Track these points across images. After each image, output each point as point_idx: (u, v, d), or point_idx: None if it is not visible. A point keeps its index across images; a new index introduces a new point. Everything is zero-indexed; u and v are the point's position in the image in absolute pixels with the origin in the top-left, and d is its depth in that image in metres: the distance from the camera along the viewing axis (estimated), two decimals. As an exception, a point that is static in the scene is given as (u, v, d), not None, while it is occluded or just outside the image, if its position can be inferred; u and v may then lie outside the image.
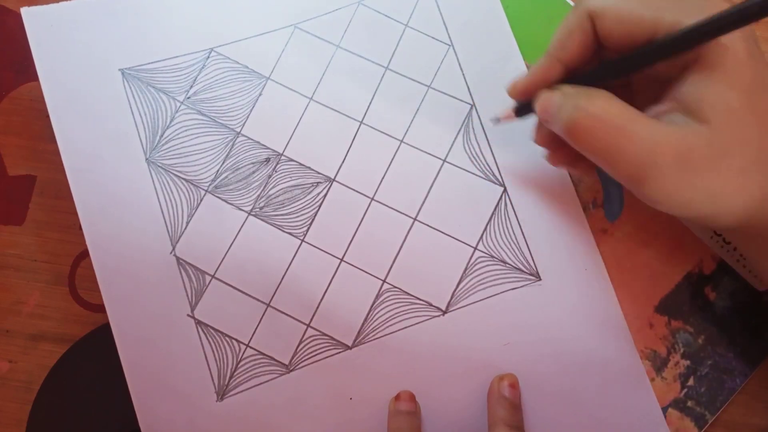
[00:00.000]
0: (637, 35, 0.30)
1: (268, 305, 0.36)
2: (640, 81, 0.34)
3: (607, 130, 0.29)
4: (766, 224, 0.30)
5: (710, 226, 0.32)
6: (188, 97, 0.39)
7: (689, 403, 0.37)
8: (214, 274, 0.36)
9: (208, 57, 0.39)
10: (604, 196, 0.38)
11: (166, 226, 0.37)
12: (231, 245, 0.37)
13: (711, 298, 0.38)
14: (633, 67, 0.30)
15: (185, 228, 0.37)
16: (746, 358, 0.37)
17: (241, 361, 0.36)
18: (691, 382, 0.37)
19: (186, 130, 0.38)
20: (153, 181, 0.37)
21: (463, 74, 0.40)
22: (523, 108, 0.34)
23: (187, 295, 0.36)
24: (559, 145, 0.34)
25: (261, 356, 0.36)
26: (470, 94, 0.39)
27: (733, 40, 0.28)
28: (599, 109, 0.29)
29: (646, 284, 0.38)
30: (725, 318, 0.38)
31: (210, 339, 0.36)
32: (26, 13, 0.39)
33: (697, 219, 0.31)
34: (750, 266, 0.36)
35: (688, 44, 0.28)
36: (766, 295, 0.35)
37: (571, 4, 0.41)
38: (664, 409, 0.36)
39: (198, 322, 0.36)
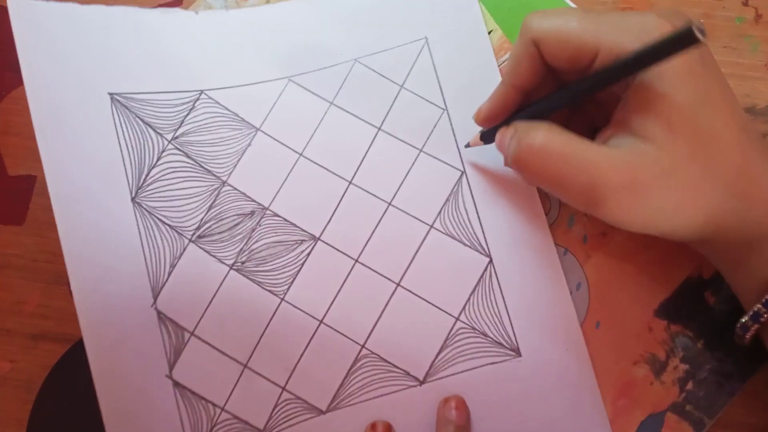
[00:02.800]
0: (581, 57, 0.31)
1: (245, 366, 0.36)
2: (591, 104, 0.35)
3: (551, 161, 0.31)
4: (723, 236, 0.31)
5: (673, 240, 0.33)
6: (176, 137, 0.38)
7: (687, 408, 0.37)
8: (194, 331, 0.36)
9: (198, 99, 0.39)
10: None
11: (149, 276, 0.36)
12: (211, 300, 0.36)
13: (710, 303, 0.38)
14: (583, 93, 0.31)
15: (167, 279, 0.36)
16: (745, 363, 0.37)
17: (215, 426, 0.35)
18: (689, 386, 0.37)
19: (172, 172, 0.38)
20: (138, 224, 0.37)
21: (456, 140, 0.39)
22: (488, 134, 0.36)
23: (166, 354, 0.36)
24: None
25: (236, 421, 0.35)
26: (461, 160, 0.39)
27: (672, 60, 0.28)
28: (540, 142, 0.31)
29: (646, 288, 0.38)
30: (724, 322, 0.37)
31: (186, 403, 0.35)
32: (13, 4, 0.38)
33: (659, 235, 0.32)
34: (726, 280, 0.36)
35: (632, 69, 0.29)
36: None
37: (573, 6, 0.41)
38: (663, 413, 0.37)
39: (176, 384, 0.35)
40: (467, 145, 0.38)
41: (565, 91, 0.32)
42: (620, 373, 0.37)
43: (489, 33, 0.41)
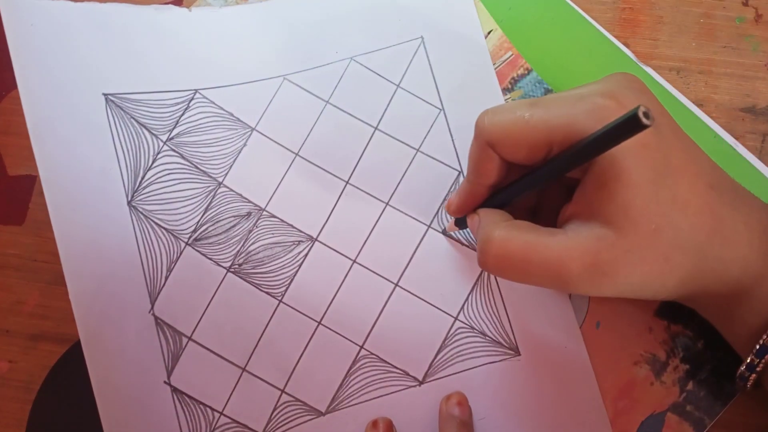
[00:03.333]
0: (536, 152, 0.31)
1: (244, 369, 0.36)
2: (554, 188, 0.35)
3: (512, 262, 0.31)
4: (705, 294, 0.32)
5: (657, 299, 0.33)
6: (171, 138, 0.38)
7: (688, 408, 0.37)
8: (191, 335, 0.36)
9: (193, 98, 0.38)
10: None
11: (146, 282, 0.36)
12: (209, 304, 0.36)
13: None
14: (538, 183, 0.31)
15: (164, 283, 0.36)
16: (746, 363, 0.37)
17: (214, 430, 0.35)
18: (690, 386, 0.37)
19: (168, 174, 0.37)
20: (134, 228, 0.37)
21: (453, 140, 0.39)
22: (461, 221, 0.36)
23: (164, 360, 0.36)
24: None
25: (235, 425, 0.35)
26: (458, 160, 0.39)
27: None
28: (498, 245, 0.31)
29: None
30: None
31: (185, 407, 0.35)
32: (4, 3, 0.37)
33: (640, 298, 0.32)
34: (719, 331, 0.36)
35: (583, 158, 0.29)
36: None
37: (572, 5, 0.41)
38: (663, 414, 0.36)
39: (174, 390, 0.35)
40: (444, 231, 0.38)
41: (523, 182, 0.32)
42: (621, 374, 0.37)
43: (489, 33, 0.41)
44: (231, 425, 0.35)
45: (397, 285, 0.37)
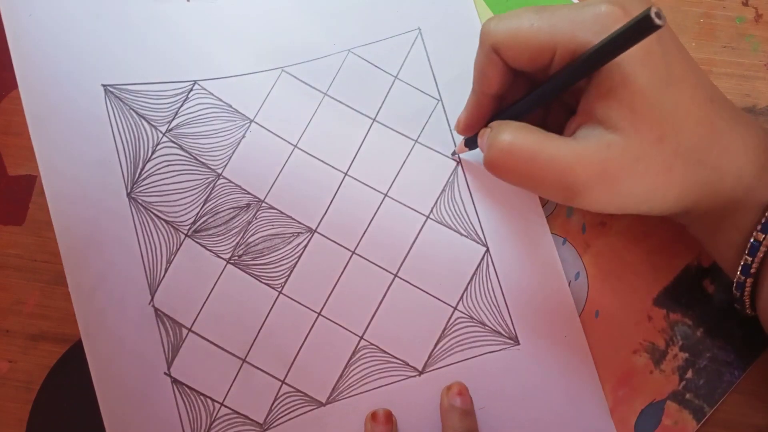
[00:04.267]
0: (540, 57, 0.31)
1: (244, 360, 0.36)
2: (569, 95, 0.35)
3: (520, 161, 0.31)
4: (699, 207, 0.32)
5: (649, 215, 0.33)
6: (170, 129, 0.38)
7: (687, 396, 0.37)
8: (191, 327, 0.36)
9: (192, 90, 0.38)
10: None
11: (146, 273, 0.36)
12: (209, 296, 0.36)
13: (710, 291, 0.38)
14: (549, 95, 0.32)
15: (164, 275, 0.36)
16: (745, 351, 0.37)
17: (214, 421, 0.35)
18: (689, 374, 0.37)
19: (167, 166, 0.37)
20: (134, 220, 0.37)
21: (451, 130, 0.39)
22: (472, 140, 0.36)
23: (164, 351, 0.36)
24: None
25: (235, 415, 0.35)
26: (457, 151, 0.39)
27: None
28: (508, 142, 0.31)
29: (645, 277, 0.38)
30: (724, 311, 0.38)
31: (185, 398, 0.35)
32: None
33: (636, 213, 0.32)
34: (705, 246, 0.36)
35: (594, 65, 0.29)
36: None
37: (573, 1, 0.41)
38: (663, 402, 0.37)
39: (174, 381, 0.35)
40: (454, 153, 0.38)
41: (533, 95, 0.32)
42: (620, 362, 0.37)
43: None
44: (231, 416, 0.35)
45: (396, 276, 0.37)
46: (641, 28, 0.26)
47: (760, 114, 0.40)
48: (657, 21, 0.25)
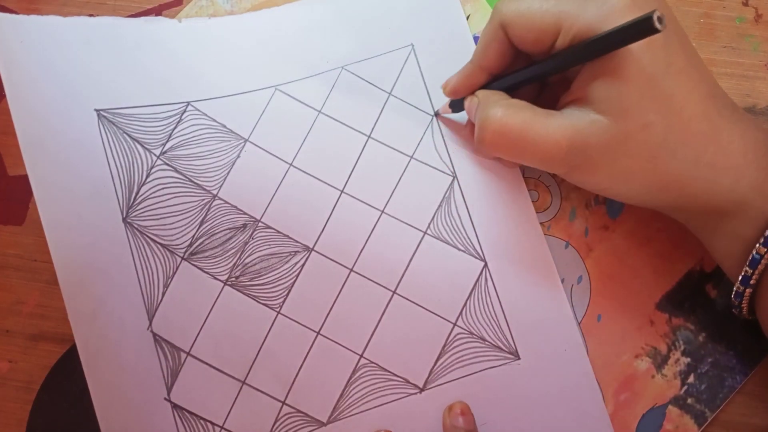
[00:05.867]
0: (544, 37, 0.32)
1: (244, 382, 0.36)
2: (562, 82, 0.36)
3: (511, 138, 0.33)
4: (695, 204, 0.32)
5: (635, 205, 0.34)
6: (164, 152, 0.38)
7: (689, 401, 0.37)
8: (190, 350, 0.36)
9: (185, 111, 0.38)
10: None
11: (143, 298, 0.36)
12: (206, 318, 0.36)
13: (712, 296, 0.38)
14: (545, 72, 0.33)
15: (161, 299, 0.36)
16: (747, 356, 0.37)
17: None
18: (691, 379, 0.37)
19: (162, 189, 0.37)
20: (130, 245, 0.37)
21: (446, 146, 0.39)
22: (457, 103, 0.37)
23: (164, 376, 0.36)
24: None
25: None
26: (452, 166, 0.39)
27: None
28: (498, 122, 0.33)
29: (648, 281, 0.38)
30: (726, 316, 0.38)
31: (185, 423, 0.35)
32: None
33: (616, 199, 0.34)
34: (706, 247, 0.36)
35: (591, 55, 0.30)
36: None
37: None
38: (664, 407, 0.37)
39: (174, 406, 0.35)
40: (437, 113, 0.39)
41: (529, 69, 0.34)
42: (622, 367, 0.37)
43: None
44: None
45: (394, 293, 0.37)
46: (641, 28, 0.26)
47: (760, 114, 0.40)
48: (657, 25, 0.25)
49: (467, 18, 0.41)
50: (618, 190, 0.33)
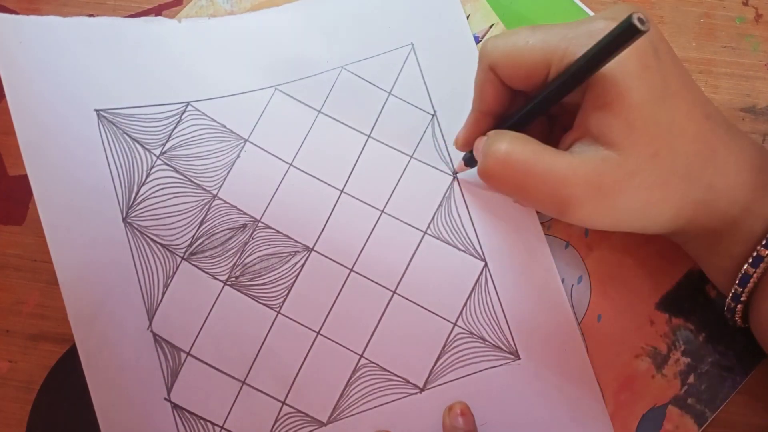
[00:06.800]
0: (534, 75, 0.31)
1: (244, 382, 0.36)
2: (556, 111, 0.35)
3: (515, 171, 0.31)
4: (694, 227, 0.32)
5: (646, 233, 0.33)
6: (164, 152, 0.38)
7: (689, 401, 0.37)
8: (190, 350, 0.36)
9: (185, 111, 0.38)
10: None
11: (143, 298, 0.36)
12: (206, 318, 0.36)
13: (712, 296, 0.38)
14: (542, 105, 0.32)
15: (161, 299, 0.36)
16: (746, 357, 0.37)
17: None
18: (691, 379, 0.37)
19: (162, 189, 0.37)
20: (130, 245, 0.36)
21: (446, 145, 0.39)
22: (471, 159, 0.36)
23: (164, 376, 0.36)
24: None
25: None
26: (452, 165, 0.39)
27: (624, 59, 0.28)
28: (504, 151, 0.31)
29: (647, 281, 0.38)
30: (726, 316, 0.37)
31: (185, 423, 0.35)
32: None
33: (630, 231, 0.32)
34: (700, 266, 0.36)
35: (584, 73, 0.29)
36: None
37: (579, 4, 0.41)
38: (664, 407, 0.37)
39: (174, 406, 0.35)
40: (455, 172, 0.38)
41: (527, 107, 0.33)
42: (622, 367, 0.37)
43: (490, 27, 0.41)
44: None
45: (394, 292, 0.37)
46: (626, 34, 0.26)
47: (760, 114, 0.40)
48: (640, 26, 0.25)
49: (467, 17, 0.41)
50: (632, 225, 0.32)
